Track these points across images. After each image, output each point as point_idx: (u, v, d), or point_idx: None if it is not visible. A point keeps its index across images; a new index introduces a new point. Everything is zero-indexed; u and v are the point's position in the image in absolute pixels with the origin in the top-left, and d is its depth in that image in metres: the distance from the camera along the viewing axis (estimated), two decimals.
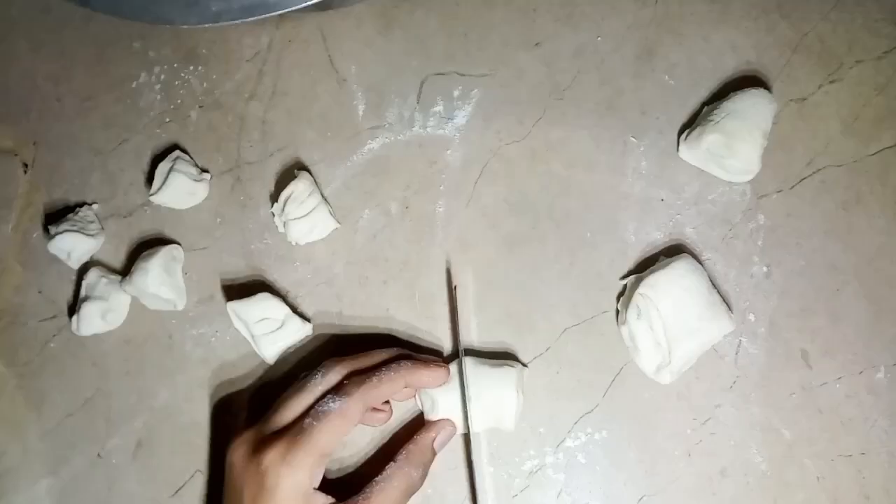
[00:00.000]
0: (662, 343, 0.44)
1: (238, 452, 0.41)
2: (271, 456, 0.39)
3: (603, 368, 0.47)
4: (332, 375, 0.43)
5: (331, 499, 0.40)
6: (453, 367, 0.45)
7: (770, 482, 0.45)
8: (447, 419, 0.45)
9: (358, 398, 0.41)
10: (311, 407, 0.41)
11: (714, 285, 0.46)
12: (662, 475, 0.46)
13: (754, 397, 0.46)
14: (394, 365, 0.43)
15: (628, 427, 0.46)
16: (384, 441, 0.48)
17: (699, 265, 0.46)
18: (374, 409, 0.46)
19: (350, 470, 0.47)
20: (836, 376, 0.46)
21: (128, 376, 0.50)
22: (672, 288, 0.44)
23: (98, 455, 0.49)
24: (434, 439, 0.44)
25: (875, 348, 0.46)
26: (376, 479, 0.41)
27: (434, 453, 0.44)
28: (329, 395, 0.41)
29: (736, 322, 0.46)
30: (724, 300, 0.45)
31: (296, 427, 0.40)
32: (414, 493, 0.42)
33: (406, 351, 0.46)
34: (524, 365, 0.47)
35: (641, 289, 0.44)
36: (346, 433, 0.41)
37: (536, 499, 0.46)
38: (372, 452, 0.47)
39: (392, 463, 0.42)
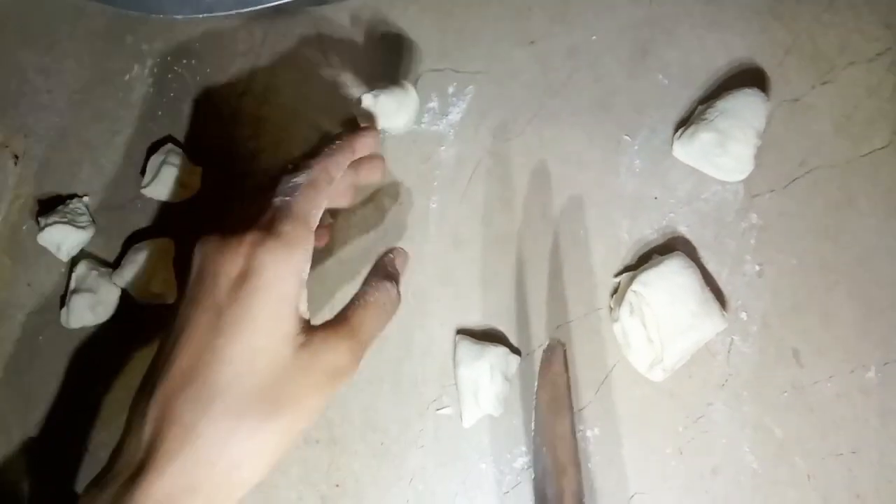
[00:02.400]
0: (655, 340, 0.44)
1: (209, 243, 0.35)
2: (253, 233, 0.34)
3: (595, 366, 0.47)
4: (283, 176, 0.38)
5: (308, 312, 0.36)
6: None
7: (761, 480, 0.45)
8: (399, 247, 0.42)
9: (319, 167, 0.38)
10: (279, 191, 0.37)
11: (706, 283, 0.46)
12: (654, 473, 0.46)
13: (746, 396, 0.46)
14: (338, 134, 0.41)
15: (620, 424, 0.46)
16: None
17: (692, 263, 0.46)
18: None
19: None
20: (828, 375, 0.46)
21: (116, 370, 0.50)
22: (665, 285, 0.44)
23: (86, 450, 0.49)
24: (393, 258, 0.41)
25: (866, 347, 0.46)
26: (352, 299, 0.38)
27: (398, 272, 0.41)
28: (288, 174, 0.38)
29: (728, 320, 0.46)
30: (716, 298, 0.46)
31: (269, 209, 0.36)
32: (395, 310, 0.39)
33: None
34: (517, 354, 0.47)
35: (634, 286, 0.45)
36: (321, 203, 0.37)
37: (527, 496, 0.46)
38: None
39: (364, 284, 0.39)
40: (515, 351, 0.48)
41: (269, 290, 0.33)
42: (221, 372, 0.32)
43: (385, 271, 0.40)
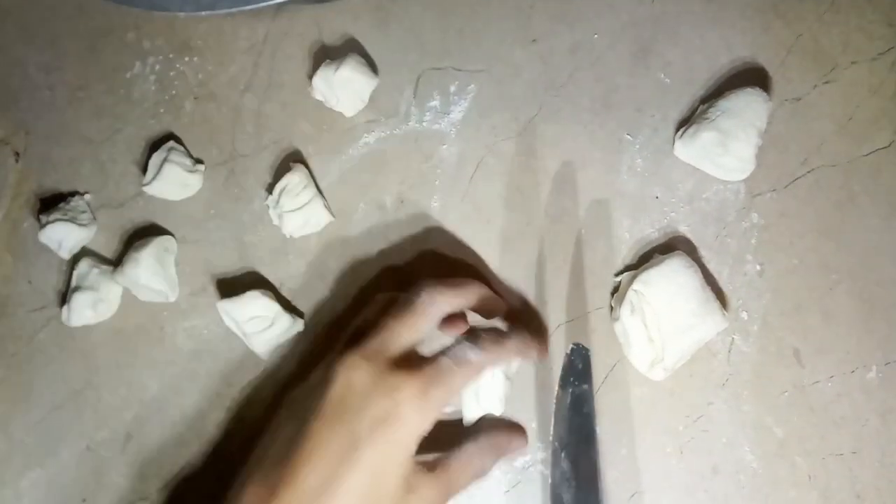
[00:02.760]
0: (656, 339, 0.44)
1: (360, 370, 0.38)
2: (408, 389, 0.37)
3: (595, 365, 0.47)
4: (443, 303, 0.42)
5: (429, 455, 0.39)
6: None
7: (761, 480, 0.45)
8: (522, 428, 0.45)
9: (491, 358, 0.41)
10: (443, 346, 0.40)
11: (707, 283, 0.46)
12: (654, 472, 0.46)
13: (746, 395, 0.46)
14: (517, 331, 0.44)
15: (620, 423, 0.46)
16: None
17: (693, 262, 0.46)
18: None
19: None
20: (829, 375, 0.46)
21: (118, 368, 0.50)
22: (666, 284, 0.44)
23: (87, 447, 0.49)
24: (511, 441, 0.44)
25: (867, 347, 0.46)
26: (456, 453, 0.40)
27: (506, 454, 0.43)
28: (465, 342, 0.40)
29: (729, 319, 0.46)
30: (717, 297, 0.46)
31: (433, 365, 0.39)
32: (480, 480, 0.41)
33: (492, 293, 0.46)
34: None
35: (635, 285, 0.45)
36: (473, 381, 0.41)
37: (528, 494, 0.46)
38: None
39: (472, 442, 0.41)
40: None
41: (403, 442, 0.37)
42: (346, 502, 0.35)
43: (497, 442, 0.43)
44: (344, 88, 0.49)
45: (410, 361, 0.39)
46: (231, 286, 0.50)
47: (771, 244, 0.48)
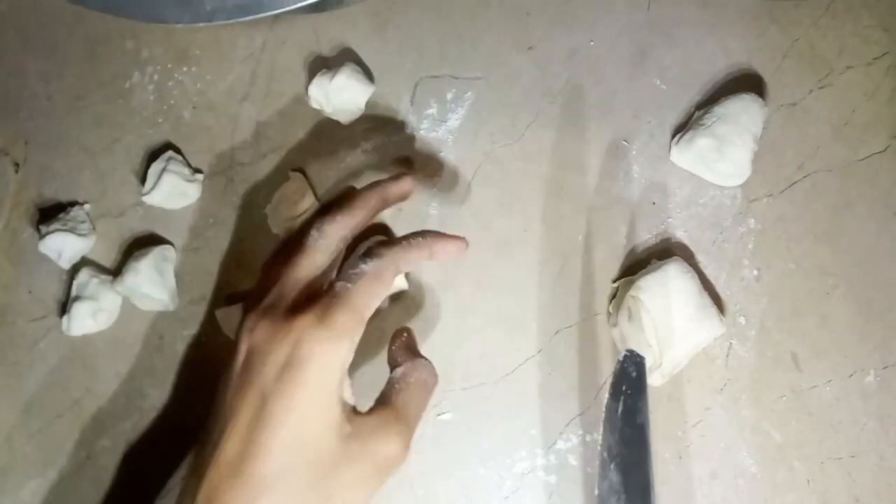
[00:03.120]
0: (653, 345, 0.44)
1: (258, 323, 0.35)
2: (305, 318, 0.34)
3: (594, 370, 0.47)
4: (331, 231, 0.39)
5: (353, 398, 0.36)
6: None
7: (760, 484, 0.45)
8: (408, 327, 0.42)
9: (391, 260, 0.37)
10: (331, 268, 0.38)
11: (704, 288, 0.46)
12: (654, 477, 0.46)
13: (745, 400, 0.46)
14: (421, 231, 0.41)
15: None
16: None
17: (690, 268, 0.46)
18: None
19: None
20: (826, 379, 0.46)
21: (117, 377, 0.50)
22: (663, 290, 0.44)
23: (87, 456, 0.49)
24: (412, 337, 0.41)
25: (865, 351, 0.46)
26: (393, 383, 0.37)
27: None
28: (354, 258, 0.38)
29: (726, 324, 0.46)
30: (714, 303, 0.46)
31: (327, 291, 0.36)
32: (435, 387, 0.38)
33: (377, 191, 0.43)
34: None
35: (633, 291, 0.45)
36: (381, 297, 0.37)
37: (527, 500, 0.46)
38: None
39: (406, 365, 0.38)
40: None
41: (315, 381, 0.33)
42: (267, 466, 0.32)
43: (413, 349, 0.40)
44: (340, 96, 0.49)
45: (304, 299, 0.36)
46: (230, 295, 0.50)
47: (768, 249, 0.48)
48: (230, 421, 0.33)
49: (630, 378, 0.42)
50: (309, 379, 0.33)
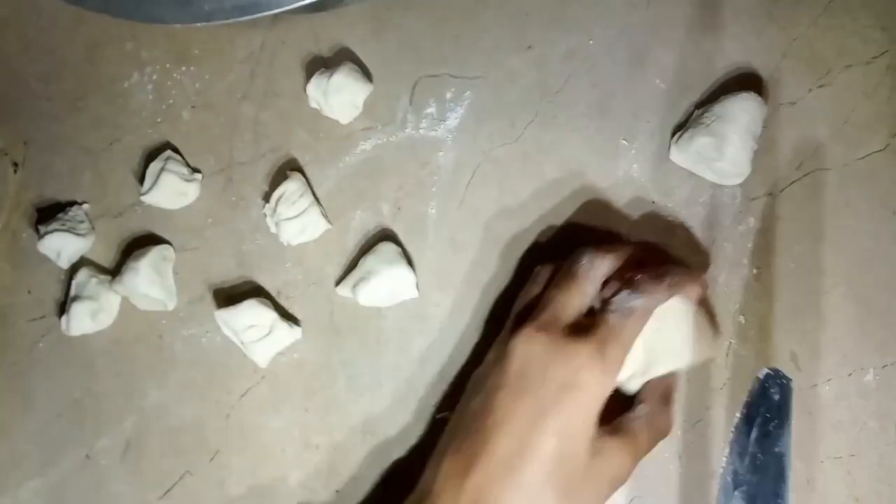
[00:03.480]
0: (639, 359, 0.42)
1: (536, 342, 0.39)
2: (584, 349, 0.38)
3: None
4: (601, 263, 0.42)
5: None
6: None
7: None
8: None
9: (654, 297, 0.41)
10: (604, 301, 0.41)
11: (702, 305, 0.45)
12: (653, 477, 0.46)
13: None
14: (674, 268, 0.43)
15: None
16: None
17: None
18: None
19: None
20: (826, 378, 0.46)
21: (117, 377, 0.50)
22: (657, 310, 0.43)
23: (86, 456, 0.49)
24: (669, 388, 0.43)
25: (864, 350, 0.46)
26: (634, 415, 0.41)
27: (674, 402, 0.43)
28: (624, 290, 0.41)
29: (720, 347, 0.46)
30: (711, 323, 0.45)
31: (602, 324, 0.39)
32: (664, 437, 0.42)
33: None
34: None
35: None
36: (642, 332, 0.41)
37: None
38: None
39: (646, 402, 0.42)
40: None
41: (586, 405, 0.38)
42: (538, 468, 0.37)
43: (667, 395, 0.43)
44: (337, 95, 0.49)
45: (581, 326, 0.40)
46: (229, 294, 0.50)
47: (767, 248, 0.48)
48: (506, 421, 0.38)
49: (771, 401, 0.40)
50: (583, 403, 0.38)
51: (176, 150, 0.53)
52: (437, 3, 0.52)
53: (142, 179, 0.52)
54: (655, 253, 0.47)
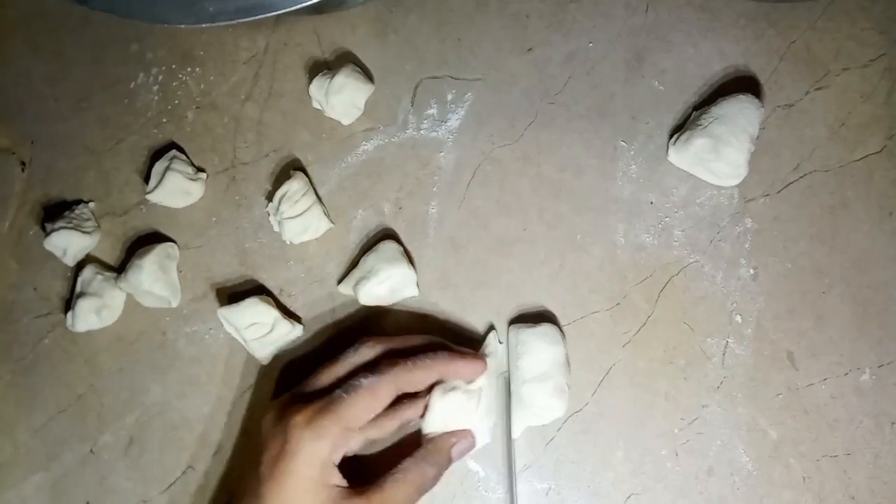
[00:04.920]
0: (430, 422, 0.44)
1: (267, 416, 0.42)
2: (297, 420, 0.40)
3: (592, 368, 0.48)
4: (366, 351, 0.44)
5: (344, 481, 0.40)
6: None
7: (756, 481, 0.46)
8: (468, 430, 0.44)
9: (390, 378, 0.41)
10: (343, 380, 0.42)
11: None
12: (650, 474, 0.46)
13: (741, 398, 0.47)
14: (431, 353, 0.43)
15: (616, 426, 0.47)
16: (404, 437, 0.47)
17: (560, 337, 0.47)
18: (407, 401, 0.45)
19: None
20: (822, 377, 0.47)
21: (120, 373, 0.51)
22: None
23: (90, 451, 0.50)
24: (454, 445, 0.43)
25: (860, 350, 0.47)
26: (392, 471, 0.41)
27: (450, 459, 0.43)
28: (362, 372, 0.42)
29: (565, 409, 0.46)
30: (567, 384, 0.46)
31: (325, 397, 0.41)
32: (426, 492, 0.42)
33: (442, 341, 0.46)
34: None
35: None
36: (374, 411, 0.41)
37: (525, 497, 0.46)
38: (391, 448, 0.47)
39: (409, 458, 0.42)
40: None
41: (300, 473, 0.39)
42: None
43: (434, 454, 0.43)
44: (339, 96, 0.50)
45: (309, 399, 0.41)
46: (231, 292, 0.51)
47: (764, 248, 0.48)
48: (239, 493, 0.41)
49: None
50: (294, 470, 0.39)
51: (181, 150, 0.53)
52: (438, 6, 0.53)
53: (147, 178, 0.52)
54: (438, 345, 0.46)
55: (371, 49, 0.53)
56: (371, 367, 0.42)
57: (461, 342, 0.48)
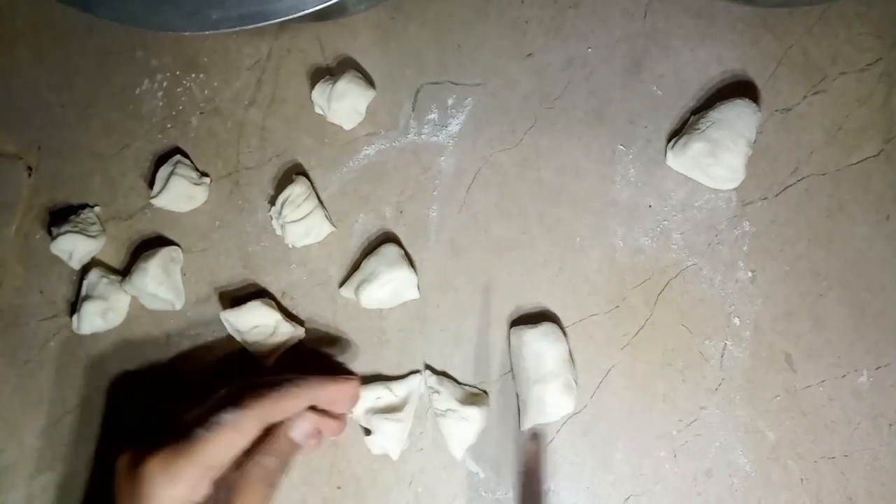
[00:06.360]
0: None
1: (121, 461, 0.39)
2: (152, 464, 0.37)
3: (591, 370, 0.48)
4: (235, 391, 0.41)
5: None
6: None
7: (754, 483, 0.46)
8: (308, 411, 0.43)
9: (254, 412, 0.39)
10: (203, 417, 0.39)
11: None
12: (649, 476, 0.46)
13: (739, 399, 0.47)
14: (298, 379, 0.42)
15: (615, 428, 0.47)
16: None
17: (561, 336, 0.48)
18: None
19: None
20: (820, 379, 0.47)
21: (125, 375, 0.51)
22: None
23: (95, 452, 0.50)
24: (291, 428, 0.42)
25: (858, 352, 0.47)
26: (238, 477, 0.39)
27: (293, 443, 0.42)
28: (224, 408, 0.39)
29: (573, 403, 0.47)
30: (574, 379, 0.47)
31: (183, 437, 0.38)
32: (275, 482, 0.40)
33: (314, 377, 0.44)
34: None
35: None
36: (239, 448, 0.39)
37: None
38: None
39: (249, 460, 0.40)
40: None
41: None
42: None
43: (274, 444, 0.41)
44: (341, 102, 0.50)
45: (166, 440, 0.39)
46: (234, 295, 0.51)
47: (762, 251, 0.49)
48: None
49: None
50: None
51: (185, 155, 0.54)
52: (438, 13, 0.54)
53: (151, 183, 0.53)
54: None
55: (372, 55, 0.54)
56: (235, 402, 0.39)
57: (461, 341, 0.49)
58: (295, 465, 0.49)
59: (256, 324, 0.49)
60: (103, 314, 0.50)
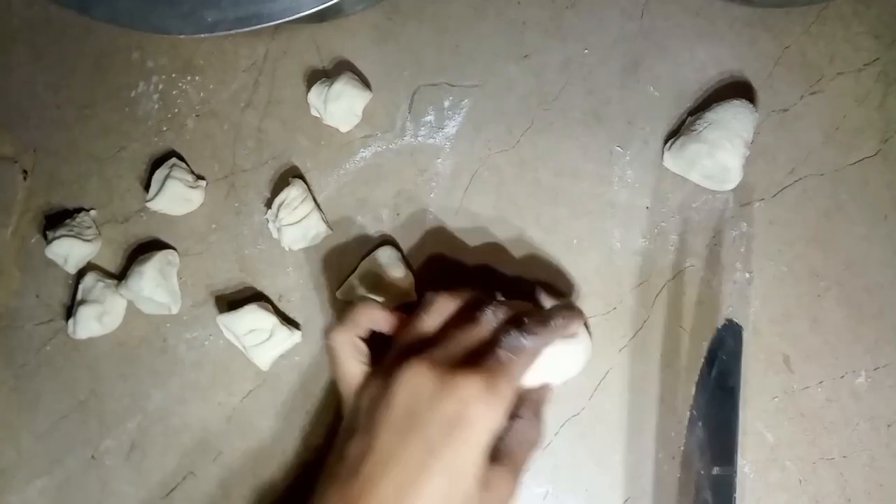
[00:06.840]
0: None
1: (423, 376, 0.37)
2: (474, 384, 0.36)
3: (588, 372, 0.48)
4: (500, 318, 0.41)
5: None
6: None
7: (753, 484, 0.46)
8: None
9: (543, 341, 0.40)
10: (494, 339, 0.39)
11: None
12: (647, 478, 0.46)
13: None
14: (559, 312, 0.42)
15: (614, 430, 0.47)
16: None
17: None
18: None
19: None
20: (818, 380, 0.47)
21: (122, 379, 0.51)
22: None
23: (91, 457, 0.50)
24: (543, 392, 0.43)
25: (856, 353, 0.47)
26: (510, 433, 0.39)
27: (542, 403, 0.43)
28: (513, 330, 0.39)
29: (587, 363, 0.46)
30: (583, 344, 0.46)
31: (491, 358, 0.38)
32: (539, 450, 0.41)
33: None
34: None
35: None
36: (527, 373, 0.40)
37: (523, 501, 0.47)
38: None
39: (518, 420, 0.40)
40: None
41: (476, 441, 0.36)
42: None
43: (536, 407, 0.42)
44: (337, 103, 0.50)
45: (470, 360, 0.38)
46: (231, 298, 0.51)
47: (760, 252, 0.49)
48: (392, 462, 0.35)
49: (727, 345, 0.46)
50: (472, 439, 0.36)
51: (181, 158, 0.54)
52: (435, 14, 0.54)
53: (147, 186, 0.53)
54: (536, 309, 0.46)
55: (369, 57, 0.54)
56: (519, 325, 0.40)
57: None
58: (293, 469, 0.49)
59: (253, 327, 0.49)
60: (99, 318, 0.50)
